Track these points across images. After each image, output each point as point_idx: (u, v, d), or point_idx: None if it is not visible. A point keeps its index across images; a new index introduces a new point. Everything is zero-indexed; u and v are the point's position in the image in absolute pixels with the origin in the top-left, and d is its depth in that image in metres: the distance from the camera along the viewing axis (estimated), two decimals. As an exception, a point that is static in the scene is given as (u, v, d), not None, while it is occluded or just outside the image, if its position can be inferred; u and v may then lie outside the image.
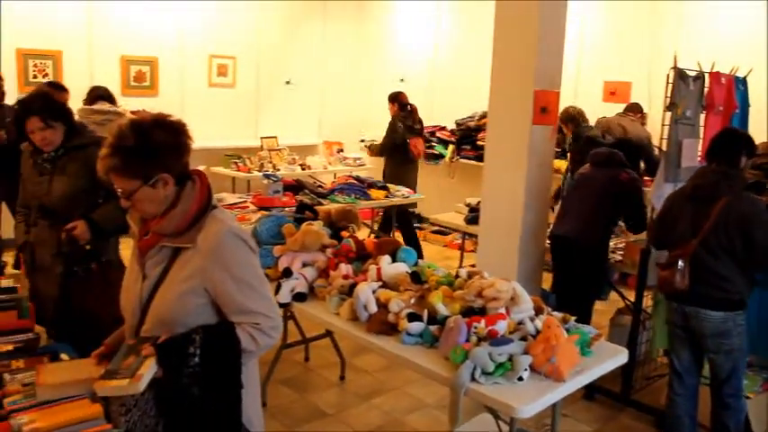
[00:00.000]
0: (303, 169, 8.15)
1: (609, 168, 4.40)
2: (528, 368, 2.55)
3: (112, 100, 5.79)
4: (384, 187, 6.64)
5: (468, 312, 2.85)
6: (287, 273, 3.44)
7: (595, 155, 4.54)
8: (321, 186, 6.50)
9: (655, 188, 4.09)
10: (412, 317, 2.88)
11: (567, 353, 2.62)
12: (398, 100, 7.47)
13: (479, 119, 8.01)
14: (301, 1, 9.52)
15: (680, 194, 3.55)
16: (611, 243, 4.62)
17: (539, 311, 2.97)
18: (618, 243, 4.82)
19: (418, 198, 7.03)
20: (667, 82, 3.92)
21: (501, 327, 2.71)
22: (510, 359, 2.57)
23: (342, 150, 8.96)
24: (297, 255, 3.54)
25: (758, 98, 5.13)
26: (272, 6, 9.23)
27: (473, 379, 2.53)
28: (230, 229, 1.96)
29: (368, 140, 8.21)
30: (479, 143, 7.87)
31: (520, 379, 2.52)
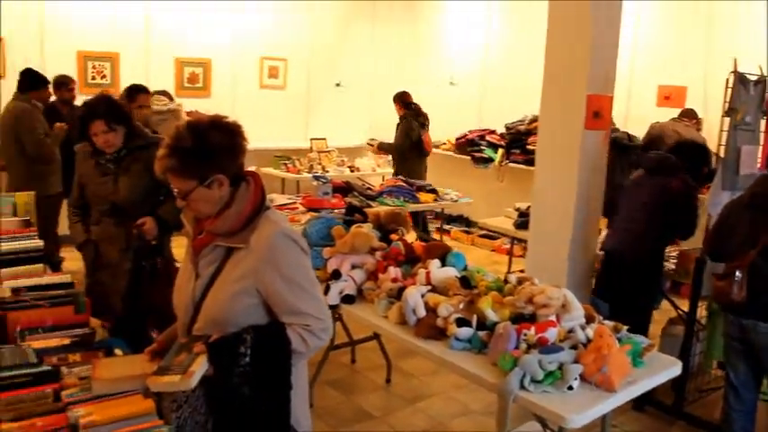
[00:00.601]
0: (352, 171, 8.19)
1: (660, 175, 4.23)
2: (578, 377, 2.51)
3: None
4: (433, 190, 6.62)
5: (517, 319, 2.82)
6: (336, 275, 3.46)
7: (647, 160, 4.41)
8: (370, 188, 6.52)
9: (711, 196, 3.99)
10: (461, 322, 2.86)
11: (619, 363, 2.57)
12: (403, 99, 7.62)
13: (530, 122, 7.92)
14: (352, 3, 9.57)
15: (738, 203, 3.45)
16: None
17: (590, 320, 2.92)
18: (671, 251, 4.70)
19: (467, 202, 7.00)
20: (726, 86, 3.82)
21: (551, 334, 2.67)
22: (560, 368, 2.53)
23: (389, 152, 8.96)
24: (346, 257, 3.56)
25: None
26: (323, 9, 9.31)
27: (522, 386, 2.50)
28: (283, 231, 1.98)
29: (376, 141, 8.06)
30: (529, 147, 7.78)
31: (570, 388, 2.48)
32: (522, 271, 4.63)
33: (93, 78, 7.42)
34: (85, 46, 7.44)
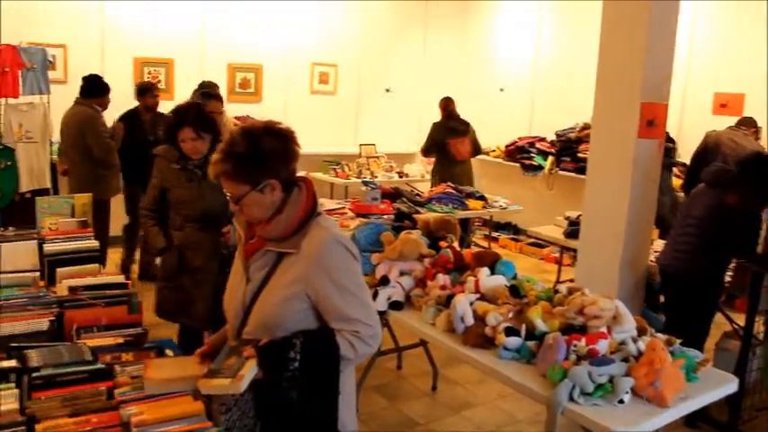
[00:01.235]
0: (400, 177, 8.20)
1: (717, 188, 4.00)
2: (629, 391, 2.46)
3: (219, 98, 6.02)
4: (482, 197, 6.58)
5: (567, 330, 2.78)
6: (384, 281, 3.46)
7: (705, 173, 4.24)
8: (418, 195, 6.51)
9: (770, 210, 3.86)
10: (509, 331, 2.84)
11: (672, 377, 2.51)
12: (441, 104, 7.64)
13: (581, 130, 7.82)
14: (402, 10, 9.59)
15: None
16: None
17: (642, 332, 2.87)
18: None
19: (516, 210, 6.94)
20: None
21: (602, 346, 2.62)
22: (610, 380, 2.49)
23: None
24: (395, 263, 3.56)
25: None
26: (374, 15, 9.35)
27: (571, 398, 2.46)
28: (334, 237, 1.99)
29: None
30: (580, 155, 7.68)
31: (620, 402, 2.43)
32: (572, 280, 4.57)
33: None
34: (142, 52, 7.64)
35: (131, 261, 6.36)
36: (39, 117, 6.00)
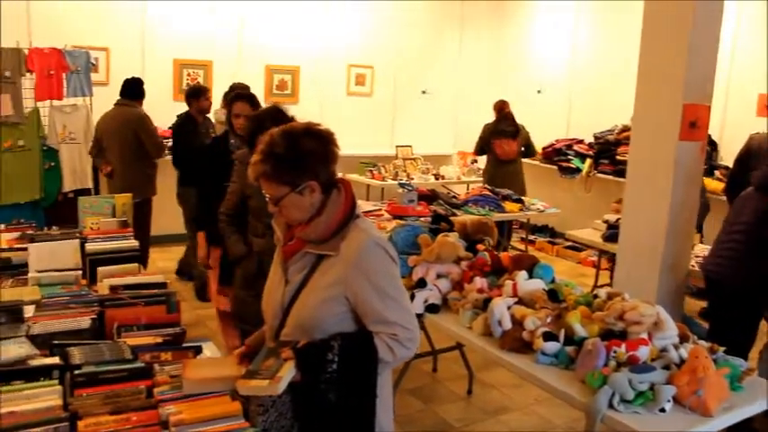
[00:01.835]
0: (437, 179, 8.18)
1: (764, 193, 3.85)
2: (671, 399, 2.41)
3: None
4: (519, 200, 6.53)
5: (607, 335, 2.73)
6: (421, 283, 3.45)
7: (754, 177, 4.06)
8: (455, 197, 6.48)
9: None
10: (548, 336, 2.80)
11: (716, 386, 2.45)
12: (499, 107, 7.89)
13: (619, 132, 7.73)
14: (439, 12, 9.57)
15: None
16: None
17: (683, 339, 2.81)
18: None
19: (553, 212, 6.87)
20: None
21: (643, 353, 2.57)
22: (651, 388, 2.44)
23: (476, 161, 8.90)
24: (431, 265, 3.54)
25: None
26: (410, 17, 9.35)
27: (611, 405, 2.41)
28: (373, 239, 1.98)
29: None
30: (619, 157, 7.58)
31: (662, 410, 2.38)
32: (610, 285, 4.50)
33: (187, 85, 7.68)
34: (181, 54, 7.75)
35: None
36: (81, 119, 6.11)
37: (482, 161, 8.73)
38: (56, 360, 1.98)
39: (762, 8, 6.82)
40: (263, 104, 6.79)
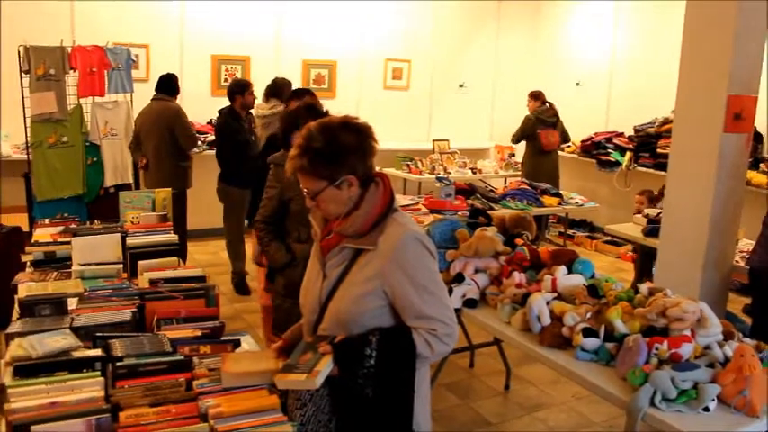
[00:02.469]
0: (474, 173, 8.14)
1: None
2: (715, 399, 2.36)
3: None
4: (557, 194, 6.46)
5: (648, 332, 2.68)
6: (459, 278, 3.43)
7: None
8: (493, 191, 6.43)
9: None
10: (587, 332, 2.76)
11: (763, 386, 2.39)
12: (536, 95, 8.06)
13: (660, 125, 7.58)
14: (476, 5, 9.48)
15: None
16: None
17: (728, 336, 2.74)
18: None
19: (591, 207, 6.78)
20: None
21: (686, 350, 2.53)
22: (695, 387, 2.39)
23: (513, 155, 8.83)
24: (469, 260, 3.52)
25: None
26: (447, 11, 9.29)
27: (652, 404, 2.37)
28: (412, 233, 1.96)
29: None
30: (659, 151, 7.45)
31: (705, 409, 2.33)
32: (651, 280, 4.43)
33: (225, 81, 7.75)
34: (219, 50, 7.81)
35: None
36: (122, 115, 6.20)
37: (518, 154, 8.71)
38: (98, 352, 2.01)
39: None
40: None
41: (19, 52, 5.60)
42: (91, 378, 1.87)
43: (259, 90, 6.16)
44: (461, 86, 9.56)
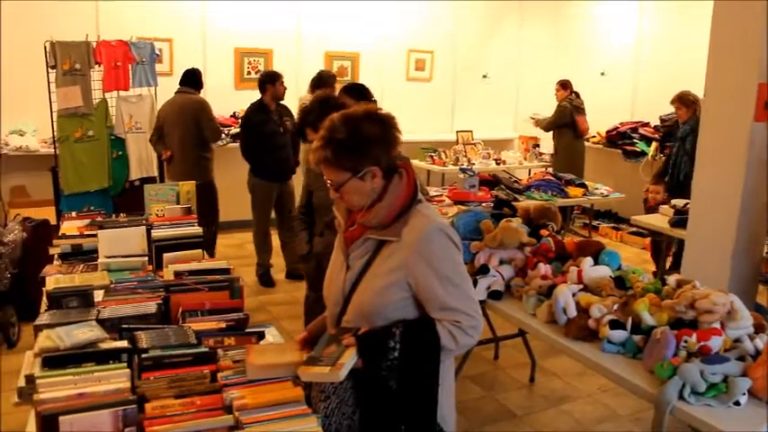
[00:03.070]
0: (498, 164, 8.08)
1: None
2: (746, 392, 2.32)
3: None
4: (582, 184, 6.40)
5: (676, 324, 2.65)
6: (484, 269, 3.40)
7: None
8: (517, 182, 6.39)
9: None
10: (614, 324, 2.73)
11: (795, 379, 2.35)
12: (564, 83, 8.20)
13: (688, 114, 7.46)
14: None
15: None
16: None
17: (759, 329, 2.69)
18: None
19: (617, 197, 6.71)
20: None
21: (715, 343, 2.48)
22: (725, 380, 2.35)
23: (538, 146, 8.75)
24: (494, 252, 3.49)
25: None
26: (470, 2, 9.21)
27: (681, 397, 2.34)
28: (436, 225, 1.95)
29: (538, 115, 8.54)
30: (687, 140, 7.33)
31: (736, 403, 2.29)
32: (679, 272, 4.37)
33: (248, 73, 7.79)
34: (241, 43, 7.83)
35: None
36: (146, 108, 6.25)
37: (542, 145, 8.66)
38: (124, 344, 2.02)
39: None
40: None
41: (45, 48, 5.66)
42: (117, 369, 1.88)
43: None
44: (485, 77, 9.49)
